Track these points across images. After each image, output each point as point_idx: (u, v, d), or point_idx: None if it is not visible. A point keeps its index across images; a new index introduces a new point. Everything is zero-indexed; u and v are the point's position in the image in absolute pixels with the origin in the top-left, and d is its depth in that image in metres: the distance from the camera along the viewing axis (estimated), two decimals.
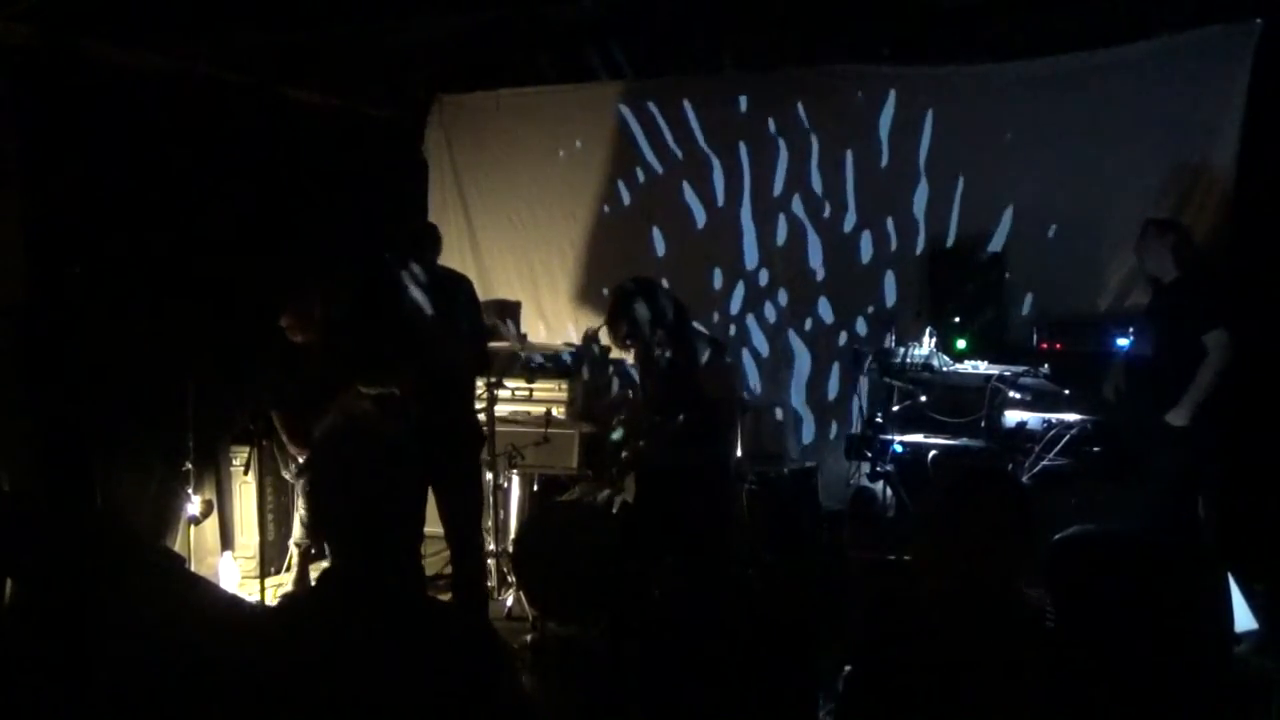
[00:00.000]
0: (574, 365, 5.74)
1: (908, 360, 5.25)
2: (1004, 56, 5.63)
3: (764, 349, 6.47)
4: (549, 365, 6.08)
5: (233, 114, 5.52)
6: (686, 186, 6.55)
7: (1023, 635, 1.95)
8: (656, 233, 6.65)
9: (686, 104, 6.50)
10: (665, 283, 4.82)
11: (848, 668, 2.07)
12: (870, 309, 6.13)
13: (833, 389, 6.28)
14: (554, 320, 6.94)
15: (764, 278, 6.42)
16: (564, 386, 5.88)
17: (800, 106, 6.22)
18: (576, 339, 6.73)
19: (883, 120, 6.04)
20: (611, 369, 5.79)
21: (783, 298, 6.39)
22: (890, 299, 6.09)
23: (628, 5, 5.25)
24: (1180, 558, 2.40)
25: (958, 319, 5.50)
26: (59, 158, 4.69)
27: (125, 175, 4.94)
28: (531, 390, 5.67)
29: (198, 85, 5.29)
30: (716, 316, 6.45)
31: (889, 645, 2.03)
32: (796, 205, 6.31)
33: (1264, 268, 4.81)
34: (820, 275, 6.29)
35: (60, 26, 4.60)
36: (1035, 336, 5.38)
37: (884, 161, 6.07)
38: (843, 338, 6.24)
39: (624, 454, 4.75)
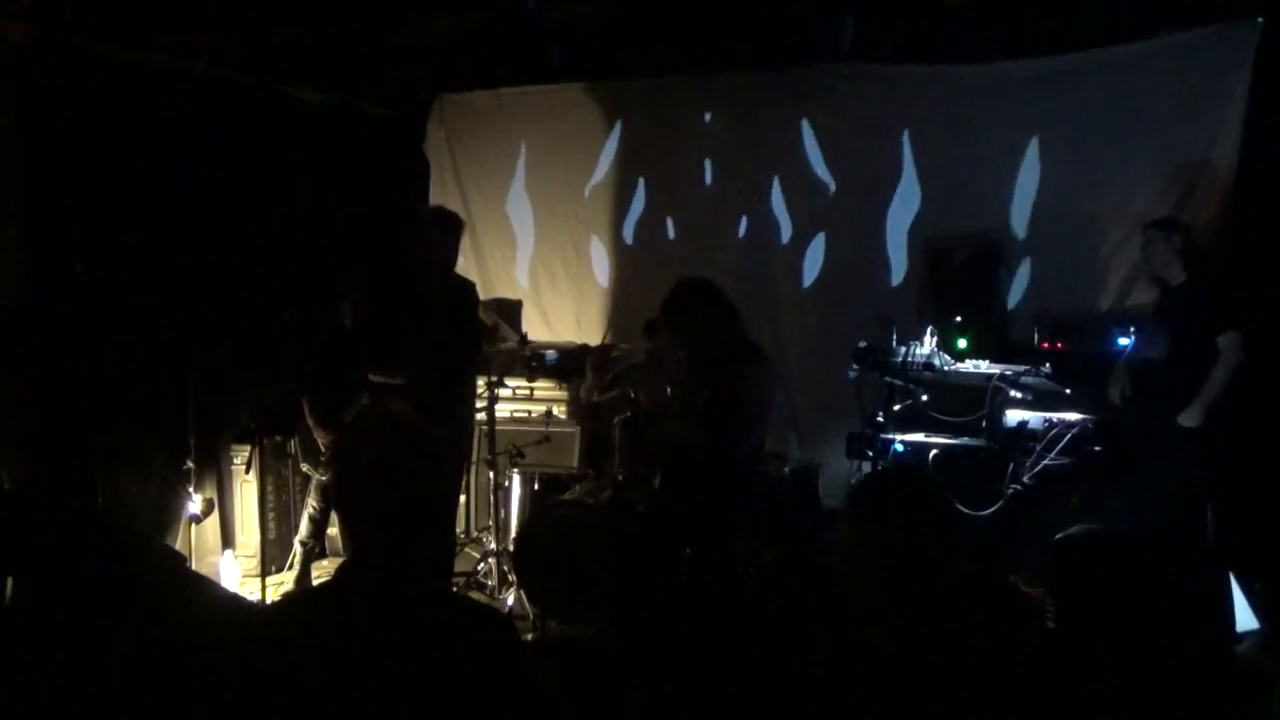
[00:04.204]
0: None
1: (909, 360, 5.24)
2: (1005, 56, 5.62)
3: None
4: (550, 364, 6.07)
5: (233, 113, 5.52)
6: (687, 185, 6.55)
7: (1022, 634, 1.95)
8: (658, 230, 6.65)
9: (687, 104, 6.50)
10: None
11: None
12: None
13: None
14: (555, 319, 6.93)
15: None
16: (564, 386, 5.87)
17: (802, 106, 6.22)
18: (577, 338, 6.74)
19: (883, 119, 6.03)
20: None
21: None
22: (894, 299, 6.08)
23: (628, 5, 5.24)
24: (1181, 557, 2.40)
25: (958, 318, 5.49)
26: (59, 157, 4.69)
27: (125, 174, 4.94)
28: (532, 389, 5.67)
29: (198, 84, 5.29)
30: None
31: (823, 652, 2.00)
32: (797, 204, 6.31)
33: (1265, 267, 4.80)
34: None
35: (60, 25, 4.60)
36: (1036, 336, 5.37)
37: (885, 161, 6.06)
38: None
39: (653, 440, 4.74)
